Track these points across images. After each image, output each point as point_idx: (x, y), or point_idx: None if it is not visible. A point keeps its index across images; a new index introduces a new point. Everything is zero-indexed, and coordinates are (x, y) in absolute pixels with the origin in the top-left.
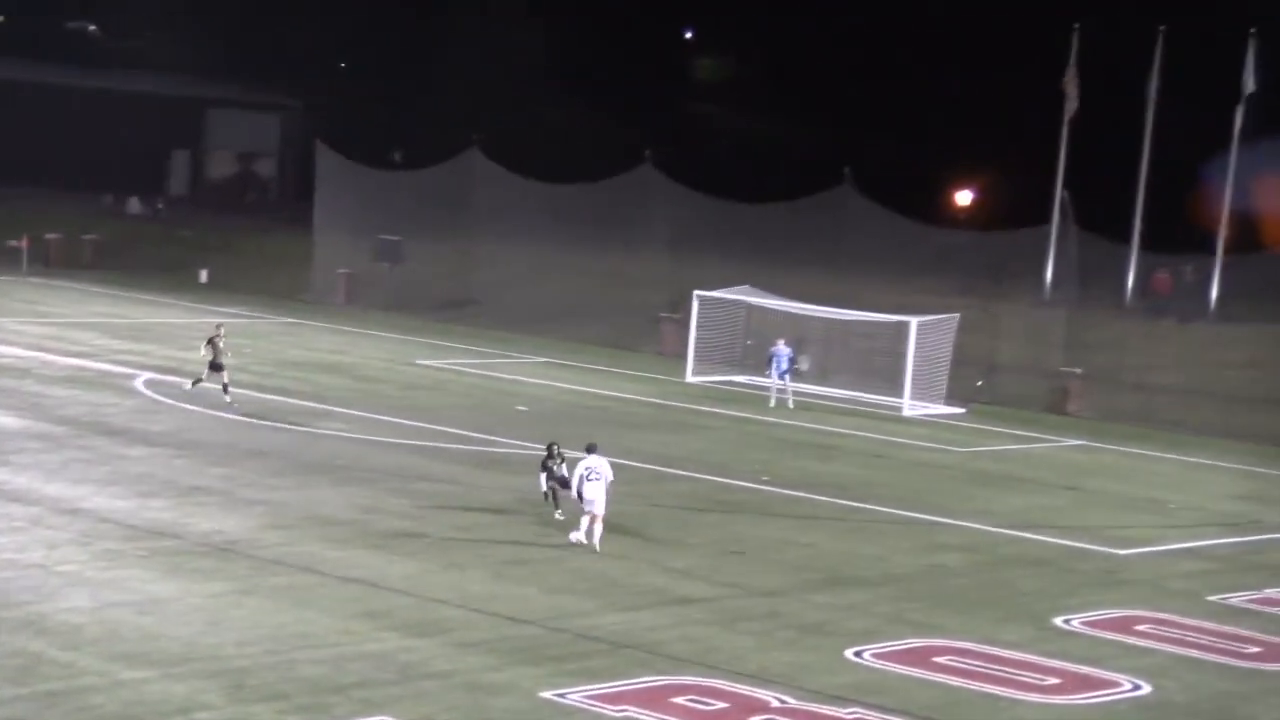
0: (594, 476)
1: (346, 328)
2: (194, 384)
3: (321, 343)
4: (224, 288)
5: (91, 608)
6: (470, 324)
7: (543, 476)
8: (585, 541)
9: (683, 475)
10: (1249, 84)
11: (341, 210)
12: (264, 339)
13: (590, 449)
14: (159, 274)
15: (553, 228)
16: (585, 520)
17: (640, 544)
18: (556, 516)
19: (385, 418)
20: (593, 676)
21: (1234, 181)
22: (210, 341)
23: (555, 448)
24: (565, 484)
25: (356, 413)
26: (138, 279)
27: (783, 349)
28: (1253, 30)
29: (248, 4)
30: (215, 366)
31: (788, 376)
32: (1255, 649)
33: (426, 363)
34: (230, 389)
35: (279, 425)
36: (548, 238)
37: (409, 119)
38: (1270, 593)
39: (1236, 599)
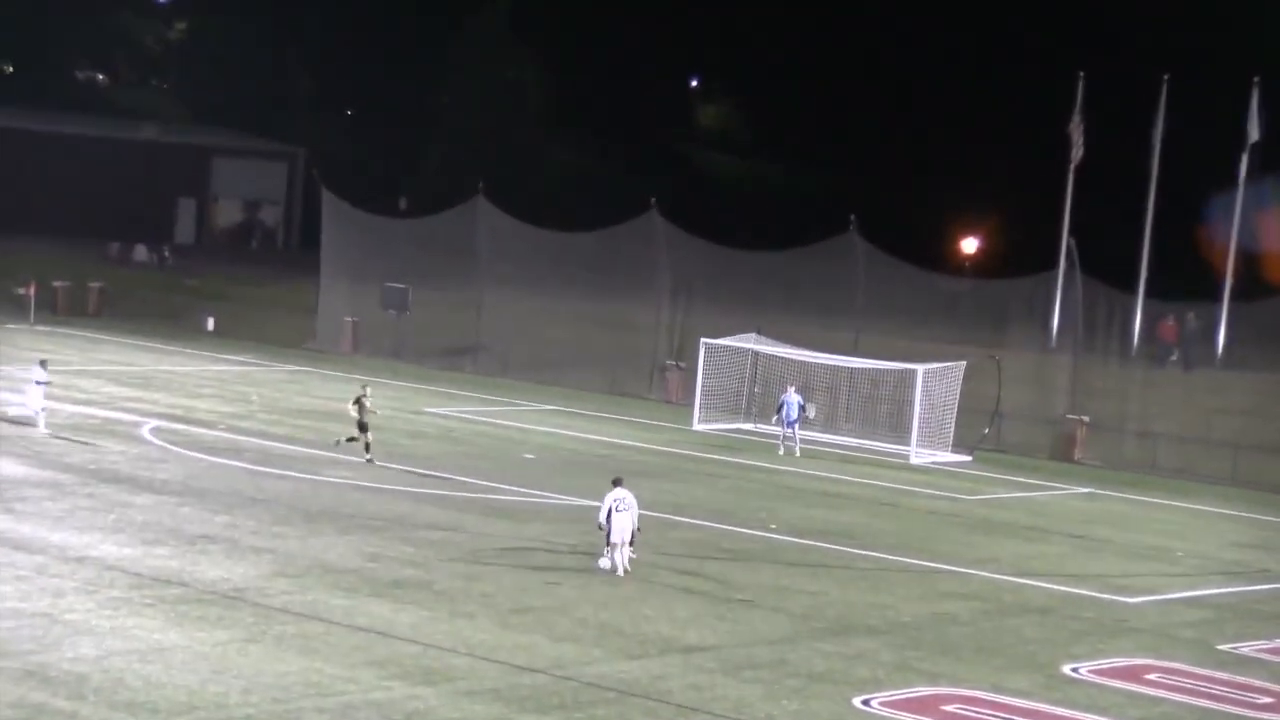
0: (621, 507)
1: (353, 375)
2: (345, 440)
3: (327, 390)
4: (230, 335)
5: (96, 656)
6: (476, 372)
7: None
8: (608, 567)
9: (689, 523)
10: (1253, 132)
11: (347, 258)
12: (269, 387)
13: (616, 482)
14: (165, 322)
15: (558, 275)
16: (610, 549)
17: (646, 592)
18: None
19: (391, 465)
20: None
21: (1239, 227)
22: (358, 401)
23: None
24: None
25: (357, 459)
26: (144, 327)
27: (793, 397)
28: (1256, 79)
29: (254, 53)
30: (362, 427)
31: (795, 425)
32: (1267, 699)
33: (433, 410)
34: (371, 448)
35: (285, 473)
36: (553, 285)
37: (414, 166)
38: None
39: (1246, 648)
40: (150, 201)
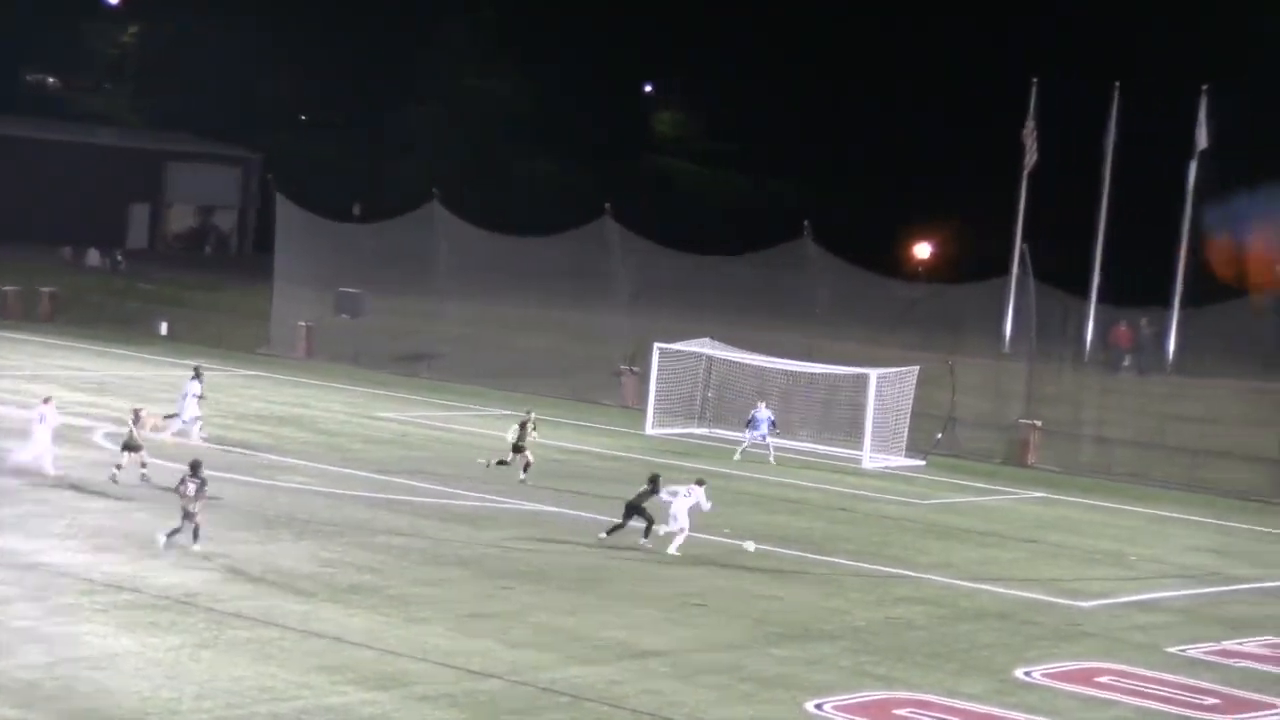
0: (684, 495)
1: (307, 380)
2: (495, 463)
3: (282, 395)
4: (183, 340)
5: (46, 663)
6: (432, 377)
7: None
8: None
9: (642, 527)
10: (1201, 140)
11: (302, 263)
12: (224, 392)
13: (700, 482)
14: (118, 327)
15: (513, 280)
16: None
17: (601, 597)
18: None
19: (346, 470)
20: None
21: (1189, 235)
22: (522, 425)
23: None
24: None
25: (318, 465)
26: (96, 332)
27: (764, 412)
28: (1204, 87)
29: (208, 57)
30: (517, 449)
31: (767, 437)
32: (1213, 700)
33: (388, 416)
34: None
35: (240, 478)
36: (508, 290)
37: (369, 172)
38: (1229, 644)
39: (1195, 651)
40: (103, 206)
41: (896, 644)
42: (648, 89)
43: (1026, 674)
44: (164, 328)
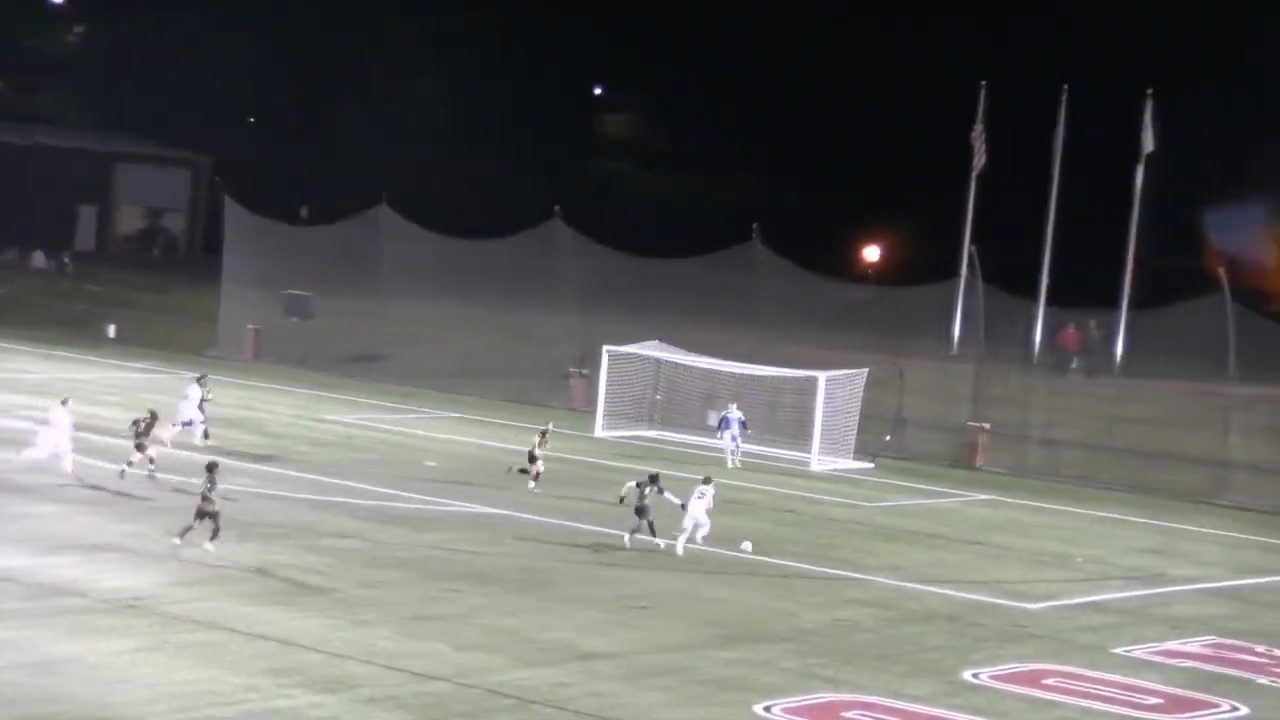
0: (697, 496)
1: (255, 383)
2: (517, 470)
3: (229, 398)
4: (131, 343)
5: None
6: (379, 379)
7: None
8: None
9: (592, 530)
10: (1148, 143)
11: (250, 266)
12: (172, 394)
13: (707, 480)
14: (65, 329)
15: (462, 283)
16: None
17: (547, 599)
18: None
19: (293, 473)
20: None
21: (1137, 237)
22: (543, 434)
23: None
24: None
25: (264, 468)
26: (43, 334)
27: (735, 413)
28: (1150, 91)
29: (155, 59)
30: (531, 457)
31: (738, 440)
32: (1155, 700)
33: (335, 418)
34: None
35: (186, 480)
36: (457, 293)
37: (317, 174)
38: (1172, 644)
39: (1140, 651)
40: (50, 208)
41: (844, 646)
42: (597, 91)
43: (974, 676)
44: (112, 330)
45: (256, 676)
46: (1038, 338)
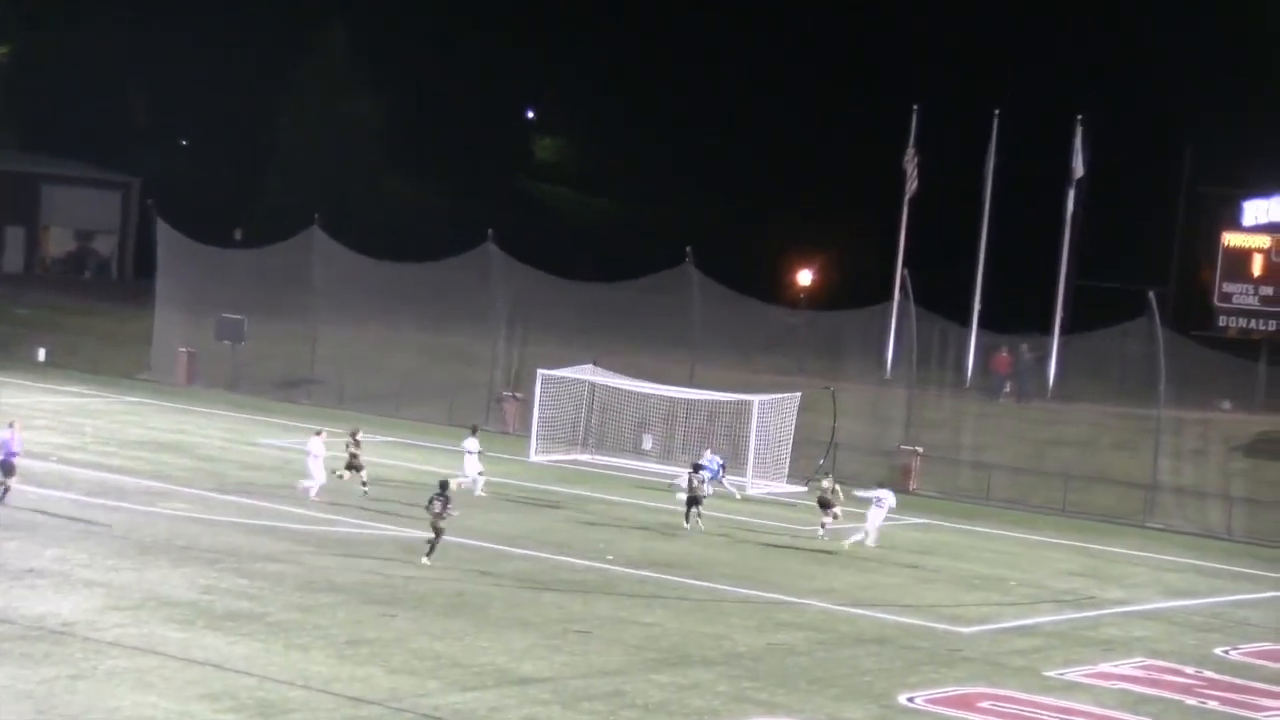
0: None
1: (187, 406)
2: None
3: (161, 421)
4: (63, 366)
5: None
6: (312, 403)
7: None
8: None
9: (526, 554)
10: (1078, 168)
11: (183, 289)
12: (103, 418)
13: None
14: None
15: (395, 306)
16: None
17: (482, 623)
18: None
19: (226, 497)
20: None
21: (1068, 262)
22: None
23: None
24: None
25: (197, 492)
26: None
27: (711, 459)
28: (1080, 116)
29: (84, 79)
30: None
31: (718, 479)
32: None
33: (268, 442)
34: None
35: (118, 505)
36: (390, 316)
37: (250, 197)
38: (1104, 667)
39: (1072, 674)
40: None
41: (778, 670)
42: (530, 115)
43: (909, 700)
44: (42, 353)
45: (190, 702)
46: (970, 361)
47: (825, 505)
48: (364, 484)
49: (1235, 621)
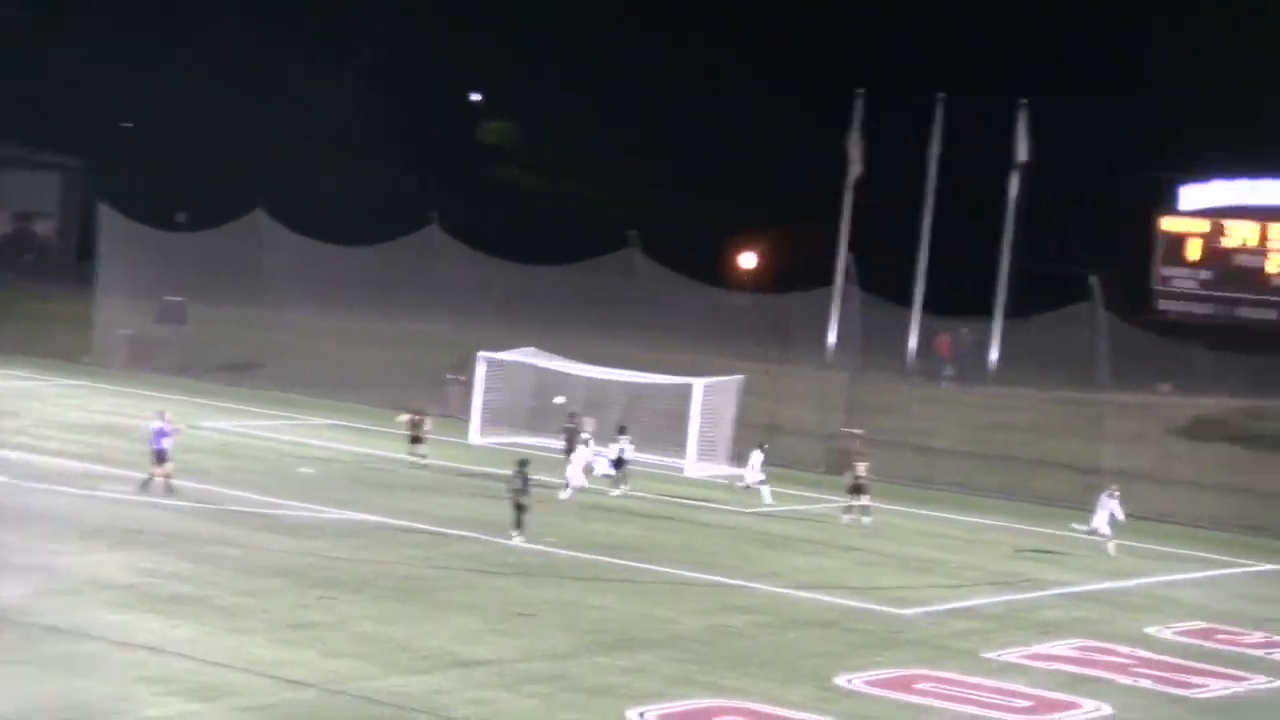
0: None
1: (129, 389)
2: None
3: (103, 404)
4: (2, 350)
5: None
6: (256, 387)
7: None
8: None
9: (469, 537)
10: (1021, 153)
11: (124, 272)
12: (44, 401)
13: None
14: None
15: (339, 290)
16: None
17: (425, 607)
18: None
19: (170, 480)
20: None
21: (1011, 246)
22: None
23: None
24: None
25: (139, 475)
26: None
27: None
28: (1023, 101)
29: (25, 60)
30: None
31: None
32: (1026, 703)
33: (211, 425)
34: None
35: (58, 489)
36: (334, 300)
37: (193, 180)
38: (1040, 648)
39: (1010, 655)
40: None
41: (721, 652)
42: (475, 98)
43: (849, 681)
44: None
45: (128, 686)
46: (913, 345)
47: (859, 490)
48: (422, 458)
49: (1169, 601)
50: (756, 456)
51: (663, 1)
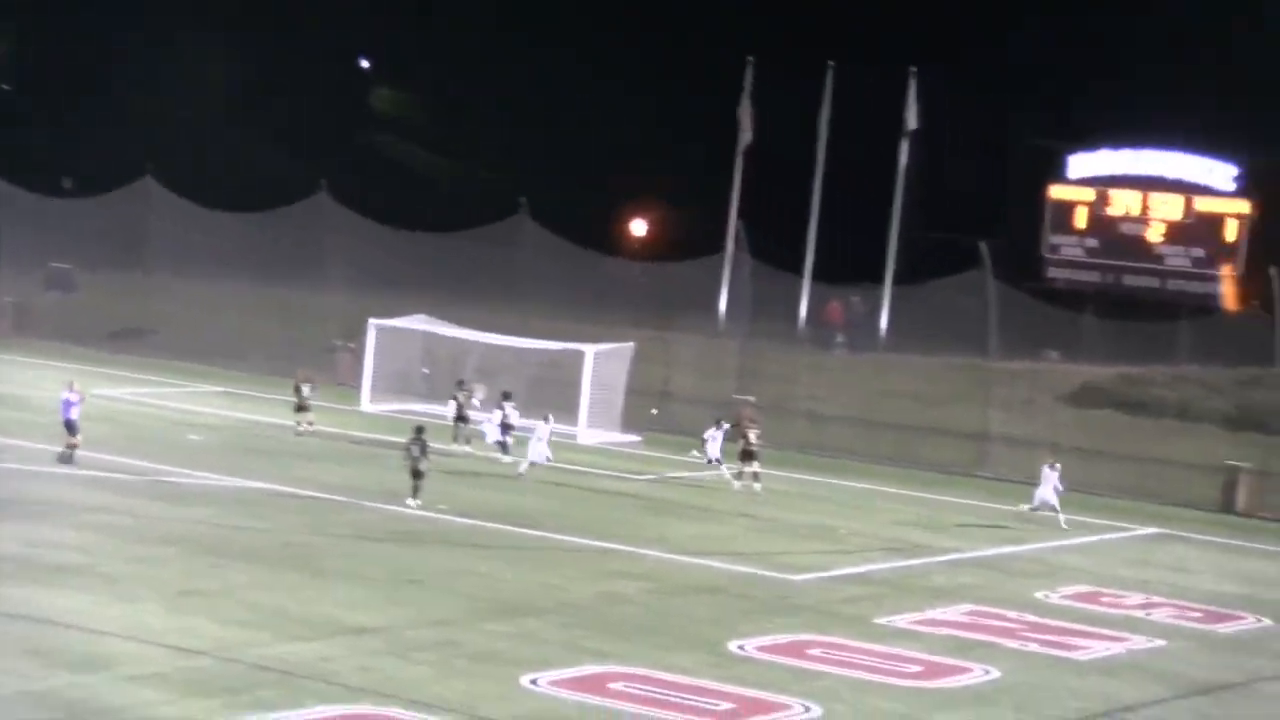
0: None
1: (14, 357)
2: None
3: None
4: None
5: None
6: (145, 354)
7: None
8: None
9: (357, 505)
10: (911, 120)
11: (9, 238)
12: None
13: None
14: None
15: (229, 257)
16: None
17: (314, 574)
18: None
19: (54, 448)
20: (266, 707)
21: (901, 213)
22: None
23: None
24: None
25: (23, 444)
26: None
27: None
28: (913, 69)
29: None
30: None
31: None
32: (916, 668)
33: (99, 393)
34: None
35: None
36: (224, 267)
37: (80, 145)
38: (931, 613)
39: (901, 620)
40: None
41: (611, 618)
42: (365, 64)
43: (740, 647)
44: None
45: (15, 658)
46: (803, 313)
47: (750, 456)
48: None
49: (1056, 566)
50: (715, 433)
51: None
